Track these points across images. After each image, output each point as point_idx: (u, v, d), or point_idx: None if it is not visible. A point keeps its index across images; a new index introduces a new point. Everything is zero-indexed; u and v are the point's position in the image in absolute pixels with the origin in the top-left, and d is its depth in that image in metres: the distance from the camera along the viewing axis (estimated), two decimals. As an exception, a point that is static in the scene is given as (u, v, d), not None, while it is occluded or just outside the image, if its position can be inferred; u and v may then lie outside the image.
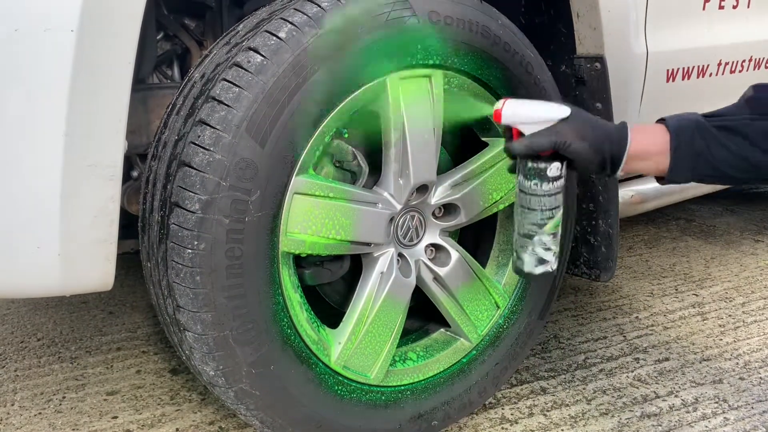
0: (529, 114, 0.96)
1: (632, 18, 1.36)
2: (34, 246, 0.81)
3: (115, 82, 0.81)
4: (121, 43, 0.80)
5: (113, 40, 0.79)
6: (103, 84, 0.80)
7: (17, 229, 0.81)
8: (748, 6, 1.61)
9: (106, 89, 0.80)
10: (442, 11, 1.05)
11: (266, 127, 0.92)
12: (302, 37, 0.93)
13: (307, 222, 1.00)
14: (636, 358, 1.52)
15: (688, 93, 1.56)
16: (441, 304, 1.20)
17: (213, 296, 0.93)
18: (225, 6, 1.36)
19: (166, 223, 0.93)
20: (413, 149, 1.07)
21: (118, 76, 0.81)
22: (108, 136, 0.82)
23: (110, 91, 0.81)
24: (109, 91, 0.80)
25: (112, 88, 0.81)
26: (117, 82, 0.81)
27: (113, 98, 0.81)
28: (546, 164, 0.96)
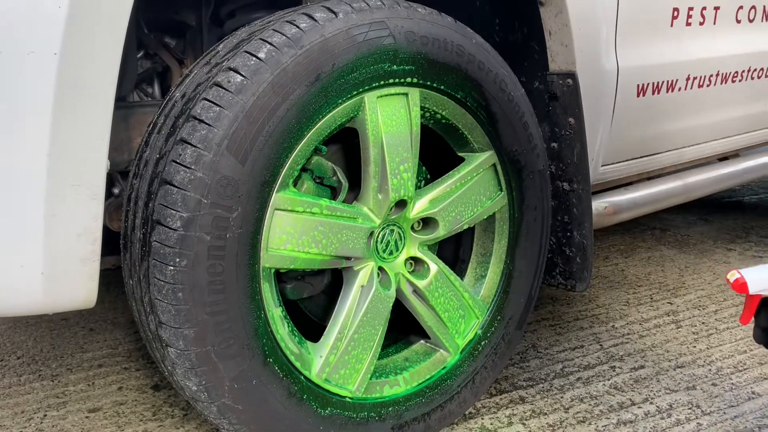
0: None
1: (603, 35, 1.40)
2: (18, 265, 0.82)
3: (97, 103, 0.82)
4: (103, 65, 0.81)
5: (96, 63, 0.80)
6: (86, 105, 0.81)
7: (0, 248, 0.82)
8: (714, 22, 1.67)
9: (89, 110, 0.82)
10: (418, 31, 1.08)
11: (247, 145, 0.94)
12: (281, 57, 0.96)
13: (287, 237, 1.02)
14: (612, 366, 1.55)
15: (658, 107, 1.60)
16: (421, 316, 1.22)
17: (195, 312, 0.94)
18: (205, 25, 1.38)
19: (148, 241, 0.94)
20: (392, 165, 1.09)
21: (100, 97, 0.82)
22: (91, 156, 0.83)
23: (93, 112, 0.82)
24: (92, 112, 0.82)
25: (95, 109, 0.82)
26: (100, 102, 0.83)
27: (96, 118, 0.83)
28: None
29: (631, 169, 1.69)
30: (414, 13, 1.09)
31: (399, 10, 1.07)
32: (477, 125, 1.21)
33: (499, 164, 1.25)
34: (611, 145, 1.55)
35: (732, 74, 1.77)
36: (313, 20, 0.99)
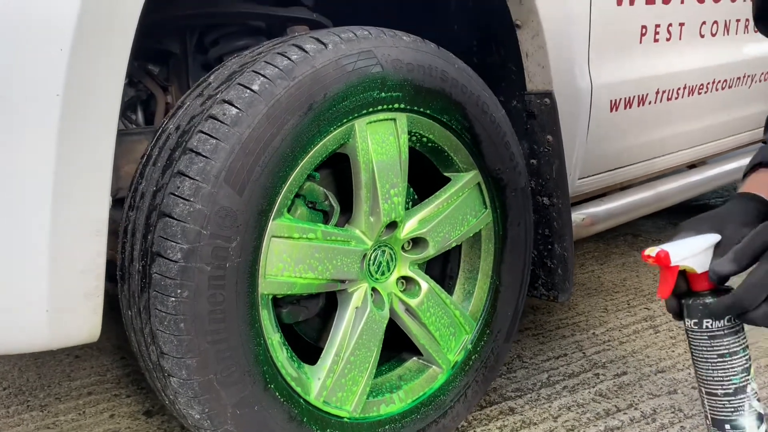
0: (693, 249, 0.89)
1: (577, 55, 1.45)
2: (23, 303, 0.83)
3: (100, 140, 0.84)
4: (105, 104, 0.83)
5: (98, 102, 0.82)
6: (89, 143, 0.83)
7: (5, 286, 0.82)
8: (680, 38, 1.74)
9: (92, 147, 0.83)
10: (404, 59, 1.11)
11: (244, 176, 0.96)
12: (275, 89, 0.98)
13: (284, 264, 1.04)
14: (596, 374, 1.60)
15: (630, 120, 1.66)
16: (413, 335, 1.25)
17: (197, 342, 0.95)
18: (190, 52, 1.40)
19: (148, 273, 0.96)
20: (383, 190, 1.12)
21: (103, 135, 0.84)
22: (94, 192, 0.85)
23: (96, 149, 0.83)
24: (94, 149, 0.83)
25: (97, 146, 0.84)
26: (102, 140, 0.84)
27: (99, 156, 0.84)
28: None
29: (606, 181, 1.75)
30: (399, 41, 1.12)
31: (385, 38, 1.11)
32: (461, 146, 1.25)
33: (484, 183, 1.29)
34: (587, 158, 1.61)
35: (698, 86, 1.84)
36: (303, 51, 1.02)
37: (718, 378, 0.90)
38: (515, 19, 1.33)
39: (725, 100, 1.98)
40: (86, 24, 0.78)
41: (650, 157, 1.83)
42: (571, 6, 1.39)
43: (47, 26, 0.78)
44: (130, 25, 0.83)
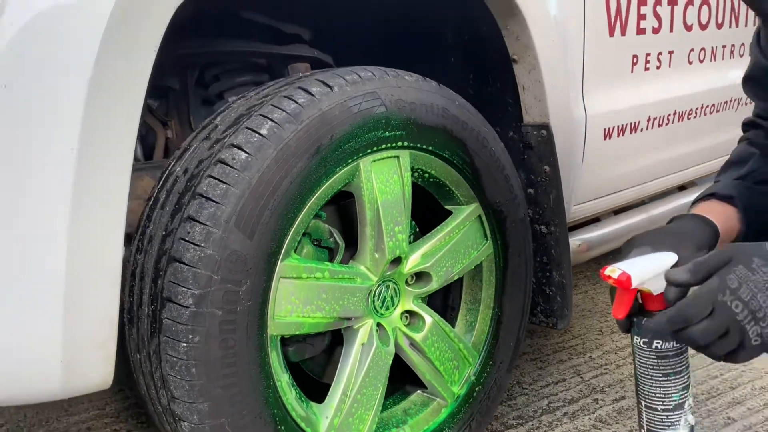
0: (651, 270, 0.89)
1: (572, 86, 1.48)
2: (38, 355, 0.83)
3: (115, 192, 0.84)
4: (120, 158, 0.83)
5: (113, 156, 0.82)
6: (104, 194, 0.83)
7: (20, 339, 0.82)
8: (669, 66, 1.77)
9: (107, 198, 0.84)
10: (406, 98, 1.13)
11: (253, 220, 0.97)
12: (283, 132, 0.99)
13: (292, 305, 1.05)
14: (595, 399, 1.61)
15: (623, 147, 1.69)
16: (417, 368, 1.25)
17: (209, 387, 0.96)
18: (190, 87, 1.41)
19: (158, 318, 0.96)
20: (387, 227, 1.13)
21: (117, 185, 0.85)
22: (109, 242, 0.85)
23: (111, 200, 0.84)
24: (109, 200, 0.84)
25: (112, 196, 0.84)
26: (117, 191, 0.85)
27: (114, 206, 0.85)
28: None
29: (600, 206, 1.77)
30: (402, 81, 1.14)
31: (388, 79, 1.12)
32: (462, 180, 1.26)
33: (484, 215, 1.31)
34: (582, 186, 1.63)
35: (687, 112, 1.88)
36: (310, 95, 1.03)
37: (660, 395, 0.92)
38: (512, 54, 1.36)
39: (713, 124, 2.02)
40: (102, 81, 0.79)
41: (643, 182, 1.86)
42: (566, 40, 1.42)
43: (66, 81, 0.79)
44: (143, 80, 0.84)
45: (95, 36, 0.80)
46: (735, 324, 0.79)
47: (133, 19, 0.82)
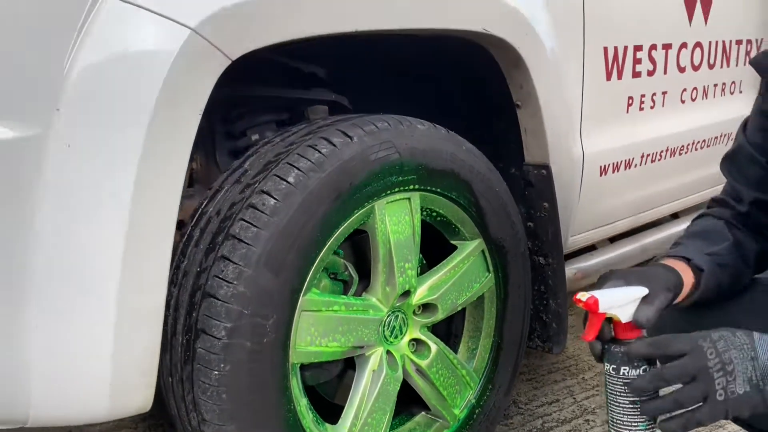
0: (620, 300, 0.95)
1: (571, 129, 1.58)
2: (91, 382, 0.93)
3: (162, 245, 0.95)
4: (168, 210, 0.94)
5: (162, 208, 0.93)
6: (153, 239, 0.94)
7: (77, 368, 0.92)
8: (663, 105, 1.88)
9: (156, 243, 0.94)
10: (418, 146, 1.23)
11: (280, 259, 1.07)
12: (308, 181, 1.09)
13: (312, 335, 1.15)
14: (587, 420, 1.71)
15: (618, 182, 1.79)
16: (423, 392, 1.35)
17: (236, 411, 1.06)
18: (216, 124, 1.50)
19: (192, 347, 1.06)
20: (399, 264, 1.23)
21: (164, 239, 0.95)
22: (154, 287, 0.96)
23: (158, 245, 0.95)
24: (157, 245, 0.95)
25: (160, 241, 0.95)
26: (163, 243, 0.95)
27: (161, 250, 0.95)
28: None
29: (596, 236, 1.88)
30: (415, 130, 1.24)
31: (403, 129, 1.22)
32: (468, 218, 1.36)
33: (487, 250, 1.41)
34: (579, 218, 1.73)
35: (679, 148, 1.98)
36: (332, 145, 1.13)
37: (627, 422, 0.95)
38: (516, 100, 1.46)
39: (705, 158, 2.12)
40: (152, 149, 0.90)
41: (636, 213, 1.97)
42: (565, 87, 1.52)
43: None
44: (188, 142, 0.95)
45: (150, 100, 0.90)
46: (705, 371, 0.86)
47: (182, 90, 0.93)
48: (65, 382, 0.94)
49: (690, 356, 0.88)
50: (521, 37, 1.35)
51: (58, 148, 0.89)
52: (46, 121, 0.89)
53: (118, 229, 0.91)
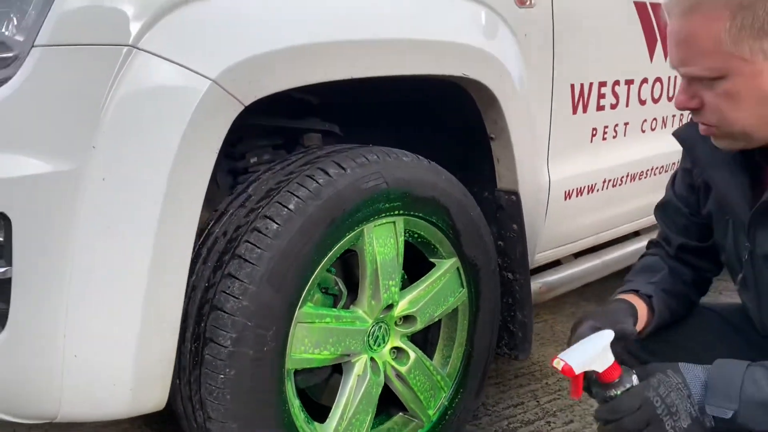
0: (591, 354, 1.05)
1: (538, 158, 1.75)
2: (114, 384, 1.07)
3: (181, 265, 1.09)
4: (185, 240, 1.08)
5: (183, 234, 1.07)
6: (173, 260, 1.08)
7: (103, 371, 1.06)
8: (624, 135, 2.06)
9: (176, 264, 1.08)
10: (404, 176, 1.38)
11: (281, 277, 1.21)
12: (307, 207, 1.24)
13: (305, 344, 1.29)
14: (548, 422, 1.88)
15: (581, 206, 1.97)
16: (402, 395, 1.51)
17: (239, 410, 1.20)
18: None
19: (200, 353, 1.20)
20: (384, 282, 1.39)
21: (183, 260, 1.09)
22: (173, 301, 1.09)
23: (178, 266, 1.09)
24: (177, 266, 1.09)
25: (179, 263, 1.09)
26: (182, 264, 1.09)
27: (179, 271, 1.09)
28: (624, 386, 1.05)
29: (561, 253, 2.05)
30: (401, 162, 1.39)
31: (390, 161, 1.37)
32: (445, 239, 1.52)
33: (462, 268, 1.57)
34: (545, 237, 1.90)
35: (639, 173, 2.16)
36: (328, 175, 1.28)
37: (603, 411, 1.05)
38: (490, 133, 1.62)
39: (662, 182, 2.29)
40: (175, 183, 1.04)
41: (598, 232, 2.14)
42: (535, 122, 1.69)
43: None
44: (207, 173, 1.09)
45: (175, 140, 1.04)
46: (655, 417, 1.00)
47: (202, 132, 1.07)
48: (93, 383, 1.07)
49: (641, 410, 1.01)
50: (496, 79, 1.51)
51: (94, 181, 1.02)
52: (84, 157, 1.02)
53: (145, 251, 1.04)
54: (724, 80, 0.98)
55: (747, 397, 0.96)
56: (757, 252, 1.10)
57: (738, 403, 0.96)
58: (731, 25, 0.94)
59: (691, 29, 0.98)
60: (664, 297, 1.26)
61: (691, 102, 1.03)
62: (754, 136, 1.02)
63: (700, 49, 0.98)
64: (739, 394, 0.96)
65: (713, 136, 1.06)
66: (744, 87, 0.97)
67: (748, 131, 1.01)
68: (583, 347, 1.09)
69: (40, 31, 1.01)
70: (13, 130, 1.02)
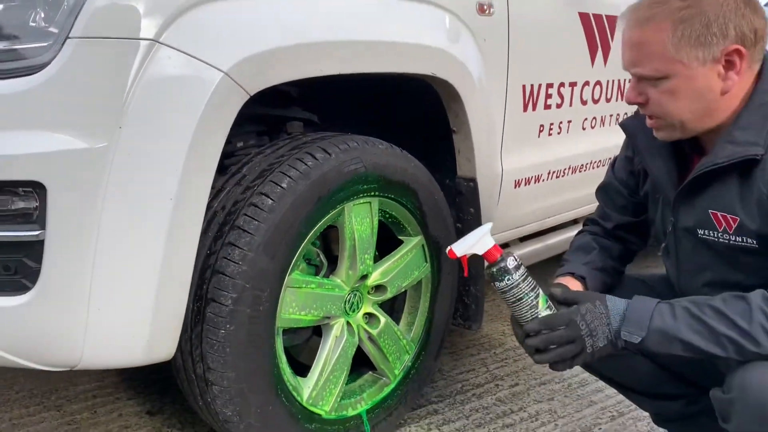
0: (471, 242, 1.29)
1: (493, 150, 1.97)
2: (134, 336, 1.22)
3: (193, 229, 1.26)
4: (197, 210, 1.25)
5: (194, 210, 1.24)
6: (186, 231, 1.24)
7: (124, 325, 1.22)
8: (568, 132, 2.30)
9: (188, 235, 1.25)
10: (380, 161, 1.57)
11: (275, 247, 1.38)
12: (297, 186, 1.41)
13: (293, 306, 1.47)
14: (496, 384, 2.11)
15: (528, 194, 2.20)
16: (372, 355, 1.70)
17: (236, 361, 1.37)
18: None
19: (203, 312, 1.36)
20: (360, 254, 1.58)
21: (195, 228, 1.26)
22: (185, 264, 1.26)
23: (190, 236, 1.25)
24: (189, 236, 1.25)
25: (191, 232, 1.25)
26: (193, 229, 1.26)
27: (191, 239, 1.26)
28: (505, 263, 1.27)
29: (510, 236, 2.28)
30: (377, 149, 1.58)
31: (368, 147, 1.56)
32: (413, 219, 1.72)
33: (426, 245, 1.77)
34: (497, 221, 2.12)
35: (580, 166, 2.41)
36: (315, 159, 1.46)
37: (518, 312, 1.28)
38: (453, 127, 1.83)
39: (601, 175, 2.56)
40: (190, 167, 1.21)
41: (543, 218, 2.38)
42: (491, 117, 1.90)
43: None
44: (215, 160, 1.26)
45: (192, 123, 1.21)
46: (579, 336, 1.23)
47: (215, 116, 1.23)
48: (113, 334, 1.23)
49: (569, 328, 1.24)
50: (459, 78, 1.72)
51: (120, 157, 1.18)
52: (112, 135, 1.17)
53: (163, 218, 1.20)
54: (666, 80, 1.19)
55: (654, 327, 1.19)
56: (679, 225, 1.34)
57: (646, 332, 1.19)
58: (674, 35, 1.16)
59: (642, 37, 1.19)
60: (596, 274, 1.48)
61: (638, 97, 1.25)
62: (689, 127, 1.24)
63: (648, 53, 1.19)
64: (648, 324, 1.19)
65: (656, 128, 1.28)
66: (682, 86, 1.19)
67: (685, 123, 1.23)
68: (466, 237, 1.31)
69: (74, 24, 1.16)
70: (50, 110, 1.16)
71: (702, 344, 1.17)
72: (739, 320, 1.15)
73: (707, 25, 1.15)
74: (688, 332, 1.18)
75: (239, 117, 1.78)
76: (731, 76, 1.17)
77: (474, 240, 1.30)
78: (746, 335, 1.15)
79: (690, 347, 1.18)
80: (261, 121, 1.80)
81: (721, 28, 1.15)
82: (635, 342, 1.21)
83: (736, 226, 1.24)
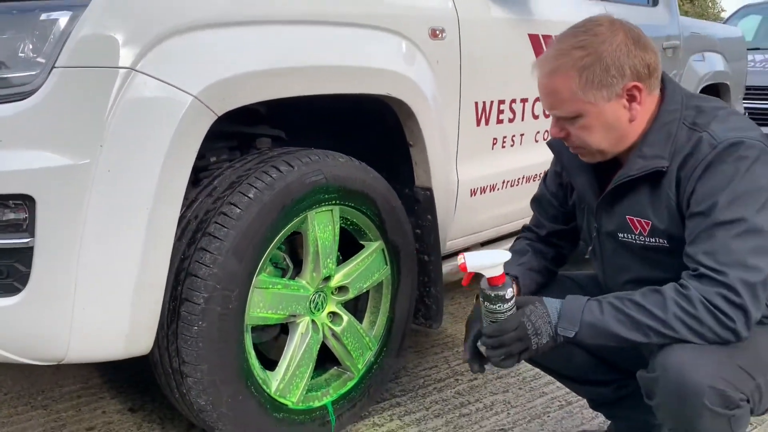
0: (486, 263, 1.34)
1: (449, 162, 2.13)
2: (114, 332, 1.37)
3: (167, 235, 1.40)
4: (170, 221, 1.39)
5: (167, 221, 1.38)
6: (161, 236, 1.39)
7: (105, 322, 1.36)
8: (521, 144, 2.48)
9: (163, 239, 1.39)
10: (340, 173, 1.73)
11: (243, 251, 1.53)
12: (263, 196, 1.57)
13: (261, 306, 1.62)
14: (456, 379, 2.27)
15: (484, 202, 2.36)
16: (336, 351, 1.86)
17: (209, 355, 1.52)
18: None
19: (177, 311, 1.51)
20: (323, 259, 1.73)
21: (169, 231, 1.40)
22: (159, 268, 1.41)
23: (165, 240, 1.40)
24: (164, 240, 1.40)
25: (166, 236, 1.40)
26: (168, 234, 1.40)
27: (166, 243, 1.40)
28: (504, 293, 1.36)
29: (469, 242, 2.44)
30: (337, 161, 1.74)
31: (329, 160, 1.72)
32: (373, 226, 1.88)
33: (386, 249, 1.93)
34: (454, 228, 2.29)
35: (533, 176, 2.58)
36: (280, 171, 1.61)
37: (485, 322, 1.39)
38: (409, 141, 1.99)
39: (553, 183, 2.75)
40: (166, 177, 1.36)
41: (499, 225, 2.55)
42: (445, 132, 2.07)
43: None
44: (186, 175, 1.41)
45: (166, 142, 1.36)
46: (525, 336, 1.37)
47: (186, 136, 1.39)
48: (96, 331, 1.37)
49: (517, 330, 1.38)
50: (413, 98, 1.88)
51: (101, 172, 1.33)
52: (93, 153, 1.32)
53: (141, 227, 1.35)
54: (581, 118, 1.36)
55: (585, 322, 1.35)
56: (602, 230, 1.51)
57: (579, 326, 1.35)
58: (579, 81, 1.33)
59: (554, 85, 1.36)
60: (529, 274, 1.64)
61: (560, 133, 1.42)
62: (607, 152, 1.42)
63: (561, 98, 1.36)
64: (580, 319, 1.36)
65: (580, 154, 1.46)
66: (594, 122, 1.36)
67: (603, 150, 1.41)
68: (484, 255, 1.37)
69: (60, 55, 1.31)
70: (38, 131, 1.31)
71: (626, 333, 1.33)
72: (656, 310, 1.32)
73: (606, 69, 1.32)
74: (614, 324, 1.34)
75: (213, 134, 1.95)
76: (635, 106, 1.35)
77: (489, 263, 1.36)
78: (663, 323, 1.31)
79: (617, 337, 1.34)
80: (233, 138, 1.96)
81: (618, 69, 1.32)
82: (570, 336, 1.36)
83: (649, 229, 1.41)
